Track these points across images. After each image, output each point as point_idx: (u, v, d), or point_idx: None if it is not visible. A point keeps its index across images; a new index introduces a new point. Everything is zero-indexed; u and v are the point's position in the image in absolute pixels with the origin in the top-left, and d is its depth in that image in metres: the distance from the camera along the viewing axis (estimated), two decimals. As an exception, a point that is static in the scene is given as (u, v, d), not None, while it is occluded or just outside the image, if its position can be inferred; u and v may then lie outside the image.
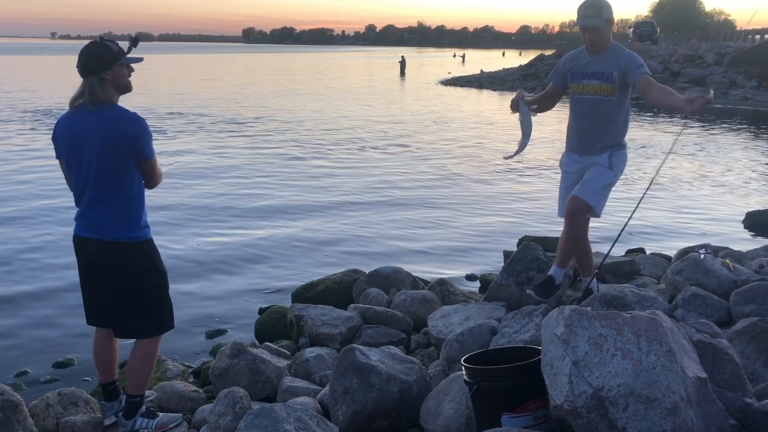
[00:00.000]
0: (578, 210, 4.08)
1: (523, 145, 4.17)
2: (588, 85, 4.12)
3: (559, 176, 4.47)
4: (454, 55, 78.15)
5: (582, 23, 4.06)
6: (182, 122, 18.80)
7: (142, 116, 3.22)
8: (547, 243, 6.04)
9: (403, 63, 51.05)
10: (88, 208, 3.23)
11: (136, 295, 3.29)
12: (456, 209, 9.50)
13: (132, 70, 3.24)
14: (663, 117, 22.34)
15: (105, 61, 3.12)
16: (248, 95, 29.04)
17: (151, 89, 28.87)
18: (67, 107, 3.24)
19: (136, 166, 3.19)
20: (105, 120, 3.11)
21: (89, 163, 3.14)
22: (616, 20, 4.15)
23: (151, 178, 3.30)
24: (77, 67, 3.13)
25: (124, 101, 3.27)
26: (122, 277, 3.25)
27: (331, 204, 9.73)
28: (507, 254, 6.38)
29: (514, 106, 4.16)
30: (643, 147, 15.43)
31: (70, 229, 3.36)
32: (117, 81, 3.16)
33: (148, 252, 3.31)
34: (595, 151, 4.14)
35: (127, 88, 3.23)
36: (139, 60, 3.25)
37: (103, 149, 3.10)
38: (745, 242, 7.66)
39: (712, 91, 4.01)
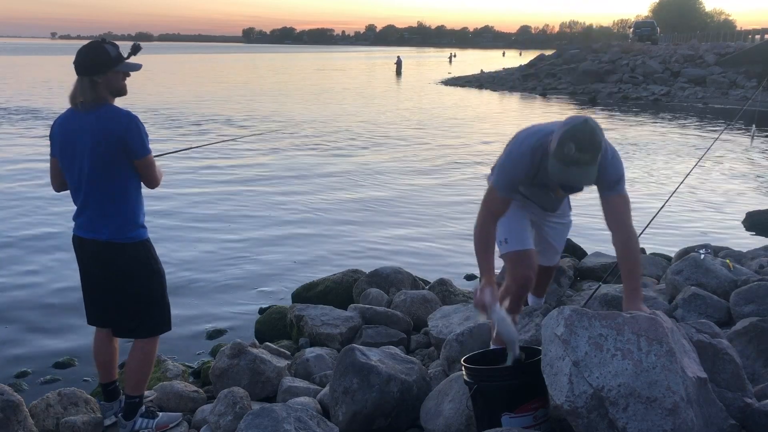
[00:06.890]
0: (551, 272, 4.07)
1: (515, 351, 2.93)
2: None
3: None
4: (454, 55, 78.36)
5: (573, 181, 2.74)
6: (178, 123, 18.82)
7: (136, 114, 3.19)
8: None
9: (399, 63, 50.89)
10: (83, 208, 3.23)
11: (131, 295, 3.29)
12: (456, 209, 9.50)
13: (128, 75, 3.23)
14: (664, 118, 22.34)
15: (99, 65, 3.11)
16: (244, 95, 29.02)
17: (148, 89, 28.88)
18: (64, 107, 3.24)
19: (129, 165, 3.17)
20: (94, 119, 3.10)
21: (81, 162, 3.14)
22: (616, 20, 3.83)
23: (148, 177, 3.25)
24: (74, 63, 3.13)
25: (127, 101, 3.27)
26: (117, 277, 3.25)
27: (330, 204, 9.73)
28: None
29: (485, 309, 2.91)
30: (649, 146, 15.42)
31: (70, 228, 3.36)
32: (110, 85, 3.15)
33: (144, 252, 3.30)
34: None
35: (121, 93, 3.21)
36: (136, 67, 3.24)
37: (93, 149, 3.09)
38: (745, 242, 7.65)
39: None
